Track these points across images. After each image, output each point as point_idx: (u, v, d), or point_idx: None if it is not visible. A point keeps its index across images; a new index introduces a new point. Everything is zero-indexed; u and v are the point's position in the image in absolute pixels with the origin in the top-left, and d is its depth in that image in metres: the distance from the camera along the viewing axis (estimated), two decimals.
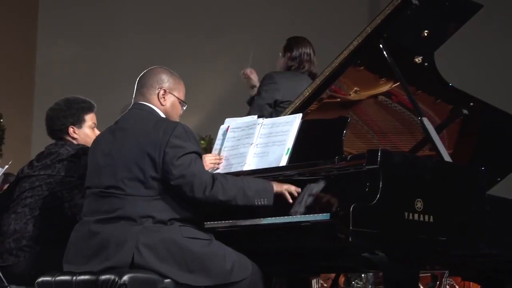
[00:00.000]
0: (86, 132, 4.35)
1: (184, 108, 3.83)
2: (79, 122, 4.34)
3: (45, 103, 4.58)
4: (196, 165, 3.53)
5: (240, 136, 4.09)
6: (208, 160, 4.04)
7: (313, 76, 5.19)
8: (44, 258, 3.98)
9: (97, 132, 4.37)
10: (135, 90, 3.77)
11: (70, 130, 4.32)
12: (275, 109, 5.08)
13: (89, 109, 4.39)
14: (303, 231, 3.47)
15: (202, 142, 8.76)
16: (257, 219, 3.57)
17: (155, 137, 3.51)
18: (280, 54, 5.37)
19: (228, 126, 4.18)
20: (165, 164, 3.46)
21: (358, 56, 4.12)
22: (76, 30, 10.61)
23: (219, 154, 4.12)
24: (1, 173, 4.76)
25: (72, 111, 4.33)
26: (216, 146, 4.20)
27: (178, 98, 3.77)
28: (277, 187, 3.59)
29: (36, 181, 4.22)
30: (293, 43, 5.33)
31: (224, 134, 4.18)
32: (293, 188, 3.59)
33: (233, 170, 3.95)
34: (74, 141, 4.32)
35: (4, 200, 4.36)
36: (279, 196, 3.58)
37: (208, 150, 6.90)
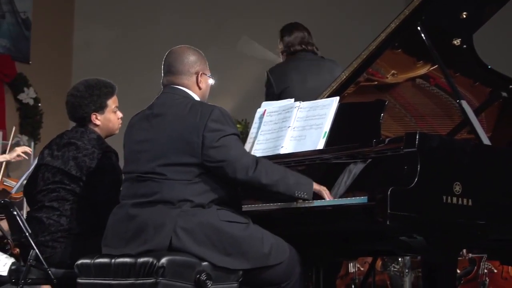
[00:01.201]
0: (109, 117, 4.32)
1: (212, 83, 3.82)
2: (101, 109, 4.29)
3: None
4: (237, 146, 3.52)
5: (277, 119, 4.08)
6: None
7: (315, 53, 5.28)
8: (80, 247, 3.99)
9: (120, 115, 4.37)
10: (164, 73, 3.74)
11: (93, 117, 4.28)
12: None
13: (111, 93, 4.33)
14: (340, 214, 3.46)
15: (238, 126, 8.75)
16: (295, 202, 3.56)
17: (192, 121, 3.50)
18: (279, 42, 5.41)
19: (265, 110, 4.18)
20: (205, 148, 3.46)
21: (395, 39, 4.10)
22: (113, 13, 10.63)
23: (255, 137, 4.12)
24: (33, 166, 4.77)
25: (94, 98, 4.27)
26: (253, 130, 4.19)
27: (208, 76, 3.77)
28: (316, 185, 3.57)
29: (57, 172, 4.20)
30: (284, 30, 5.37)
31: (261, 117, 4.17)
32: (328, 192, 3.57)
33: (270, 153, 3.95)
34: (96, 128, 4.30)
35: (31, 189, 4.36)
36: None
37: (244, 133, 6.90)
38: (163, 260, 3.29)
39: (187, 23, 10.36)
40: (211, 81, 3.78)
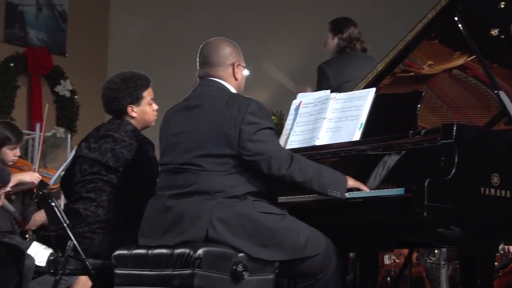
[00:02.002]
0: (144, 109, 4.35)
1: (247, 74, 3.82)
2: (137, 101, 4.32)
3: None
4: (273, 141, 3.53)
5: (312, 111, 4.07)
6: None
7: (365, 51, 5.24)
8: (117, 238, 4.01)
9: (155, 107, 4.40)
10: (199, 65, 3.75)
11: (129, 109, 4.31)
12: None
13: (146, 85, 4.36)
14: (377, 205, 3.45)
15: (273, 117, 8.73)
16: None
17: (229, 114, 3.51)
18: (328, 35, 5.35)
19: (301, 101, 4.17)
20: (242, 141, 3.46)
21: (432, 30, 4.06)
22: (148, 5, 10.67)
23: (291, 129, 4.11)
24: (70, 158, 4.80)
25: (130, 90, 4.30)
26: (288, 121, 4.19)
27: (244, 67, 3.77)
28: (351, 181, 3.56)
29: (95, 164, 4.23)
30: (342, 24, 5.32)
31: (297, 109, 4.16)
32: (364, 187, 3.56)
33: (305, 145, 3.95)
34: (132, 120, 4.32)
35: (68, 181, 4.40)
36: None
37: (279, 125, 6.89)
38: (200, 251, 3.30)
39: (222, 14, 10.37)
40: (246, 72, 3.79)
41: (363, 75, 4.46)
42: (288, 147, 3.97)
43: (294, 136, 4.07)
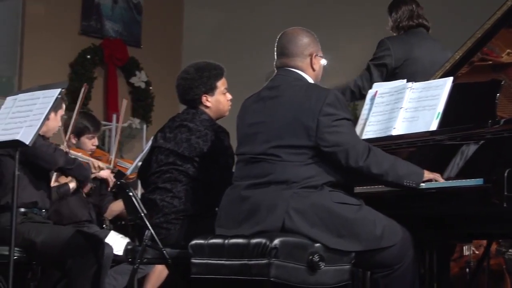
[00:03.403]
0: (219, 98, 4.37)
1: (325, 64, 3.81)
2: (211, 90, 4.35)
3: None
4: (351, 132, 3.53)
5: (388, 101, 4.04)
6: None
7: (427, 29, 5.18)
8: (193, 228, 4.05)
9: (229, 97, 4.42)
10: (276, 56, 3.75)
11: (203, 99, 4.34)
12: (393, 74, 5.01)
13: (220, 75, 4.39)
14: (454, 196, 3.41)
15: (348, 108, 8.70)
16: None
17: (307, 104, 3.50)
18: (388, 18, 5.31)
19: (376, 91, 4.14)
20: (319, 132, 3.46)
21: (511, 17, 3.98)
22: None
23: (367, 119, 4.08)
24: (146, 149, 4.84)
25: (204, 80, 4.33)
26: (364, 111, 4.16)
27: (321, 57, 3.76)
28: (428, 173, 3.53)
29: (170, 154, 4.27)
30: (392, 6, 5.29)
31: (372, 99, 4.14)
32: (441, 179, 3.52)
33: (381, 135, 3.92)
34: (207, 110, 4.35)
35: (145, 171, 4.45)
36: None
37: (352, 115, 6.85)
38: (276, 241, 3.31)
39: (295, 5, 10.34)
40: (324, 62, 3.78)
41: (425, 54, 4.40)
42: (363, 137, 3.95)
43: (370, 126, 4.04)
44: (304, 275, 3.36)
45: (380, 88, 4.14)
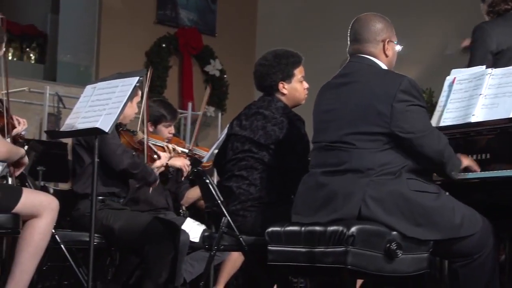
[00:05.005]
0: (295, 86, 4.37)
1: (399, 50, 3.76)
2: (288, 78, 4.35)
3: None
4: (426, 120, 3.49)
5: (467, 87, 3.97)
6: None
7: None
8: (269, 215, 4.05)
9: (306, 85, 4.40)
10: (350, 41, 3.71)
11: (280, 86, 4.34)
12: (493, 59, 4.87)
13: (298, 62, 4.39)
14: None
15: (423, 94, 8.61)
16: (490, 171, 3.47)
17: (381, 91, 3.47)
18: (481, 7, 5.16)
19: (454, 78, 4.07)
20: (394, 119, 3.43)
21: None
22: None
23: (445, 106, 4.02)
24: (222, 136, 4.83)
25: (282, 67, 4.33)
26: (442, 98, 4.10)
27: (395, 43, 3.72)
28: (465, 160, 3.55)
29: (246, 141, 4.28)
30: None
31: (450, 85, 4.07)
32: (476, 167, 3.53)
33: (460, 122, 3.85)
34: (283, 97, 4.35)
35: (221, 159, 4.47)
36: None
37: (429, 102, 6.76)
38: (353, 229, 3.30)
39: None
40: (398, 48, 3.73)
41: None
42: (442, 124, 3.89)
43: (448, 113, 3.98)
44: (381, 263, 3.34)
45: (459, 75, 4.07)
